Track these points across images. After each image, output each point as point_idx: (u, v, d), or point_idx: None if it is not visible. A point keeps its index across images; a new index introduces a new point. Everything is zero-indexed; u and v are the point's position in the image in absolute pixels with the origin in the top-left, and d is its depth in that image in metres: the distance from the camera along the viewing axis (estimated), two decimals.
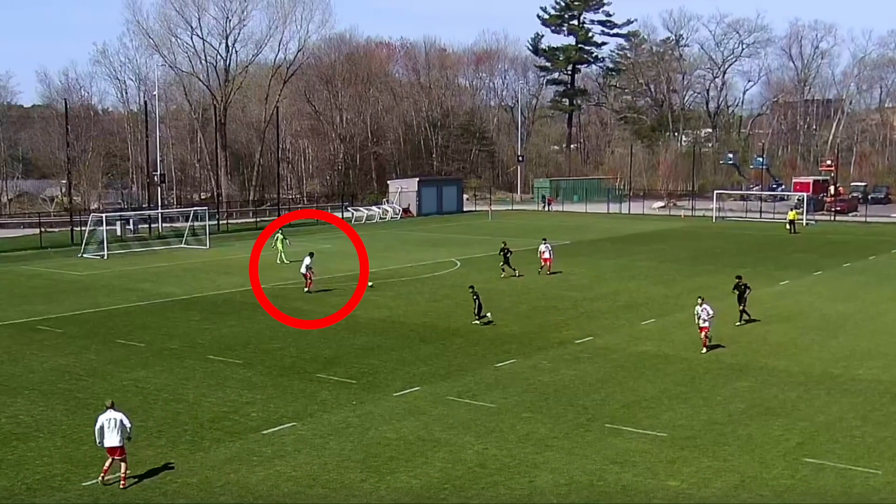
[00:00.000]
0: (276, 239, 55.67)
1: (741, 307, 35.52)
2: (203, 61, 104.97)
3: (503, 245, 49.17)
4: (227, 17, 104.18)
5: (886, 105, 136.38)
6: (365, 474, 19.78)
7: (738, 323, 35.09)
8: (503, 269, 47.91)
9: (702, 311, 30.96)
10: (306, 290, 43.15)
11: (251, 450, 21.26)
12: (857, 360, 30.12)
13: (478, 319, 35.45)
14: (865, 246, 64.46)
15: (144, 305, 40.72)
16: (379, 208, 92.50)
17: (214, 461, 20.56)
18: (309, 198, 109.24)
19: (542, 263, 49.50)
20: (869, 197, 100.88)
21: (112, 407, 19.42)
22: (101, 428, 19.11)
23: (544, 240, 51.45)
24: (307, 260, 43.42)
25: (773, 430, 22.77)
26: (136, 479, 19.34)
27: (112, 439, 19.00)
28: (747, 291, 35.55)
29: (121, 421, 19.10)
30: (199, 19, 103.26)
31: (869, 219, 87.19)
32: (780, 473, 19.85)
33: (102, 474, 19.21)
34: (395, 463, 20.47)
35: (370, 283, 44.58)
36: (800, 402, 25.20)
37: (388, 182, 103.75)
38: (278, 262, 53.45)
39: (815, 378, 27.59)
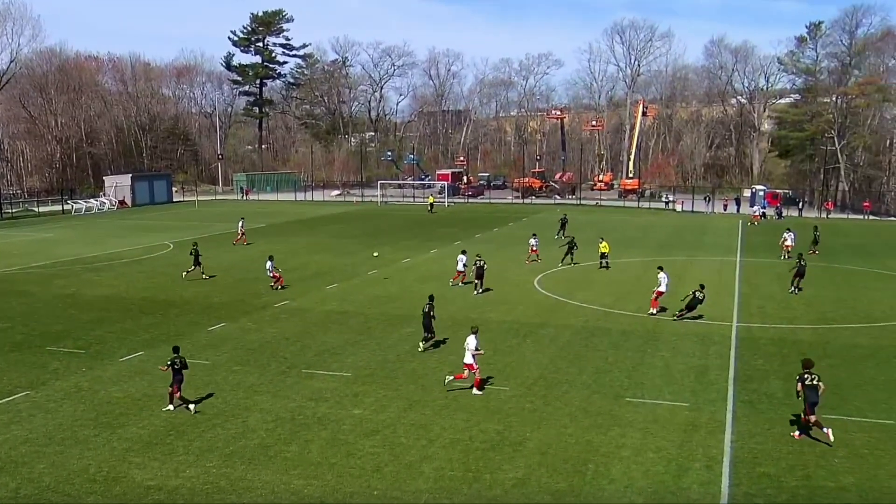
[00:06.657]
0: None
1: None
2: None
3: (194, 245, 40.33)
4: None
5: (500, 115, 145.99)
6: (98, 430, 18.45)
7: None
8: (190, 270, 39.20)
9: None
10: (272, 286, 36.10)
11: None
12: (489, 306, 32.25)
13: None
14: (490, 221, 68.97)
15: None
16: (97, 201, 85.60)
17: None
18: (29, 192, 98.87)
19: (239, 237, 52.25)
20: (491, 184, 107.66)
21: None
22: None
23: (242, 218, 54.75)
24: (269, 263, 36.47)
25: (429, 362, 23.92)
26: None
27: None
28: None
29: None
30: None
31: (492, 200, 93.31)
32: (437, 396, 20.91)
33: None
34: (125, 417, 19.27)
35: (375, 254, 44.06)
36: (446, 339, 26.57)
37: (104, 178, 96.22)
38: None
39: (459, 321, 29.03)
